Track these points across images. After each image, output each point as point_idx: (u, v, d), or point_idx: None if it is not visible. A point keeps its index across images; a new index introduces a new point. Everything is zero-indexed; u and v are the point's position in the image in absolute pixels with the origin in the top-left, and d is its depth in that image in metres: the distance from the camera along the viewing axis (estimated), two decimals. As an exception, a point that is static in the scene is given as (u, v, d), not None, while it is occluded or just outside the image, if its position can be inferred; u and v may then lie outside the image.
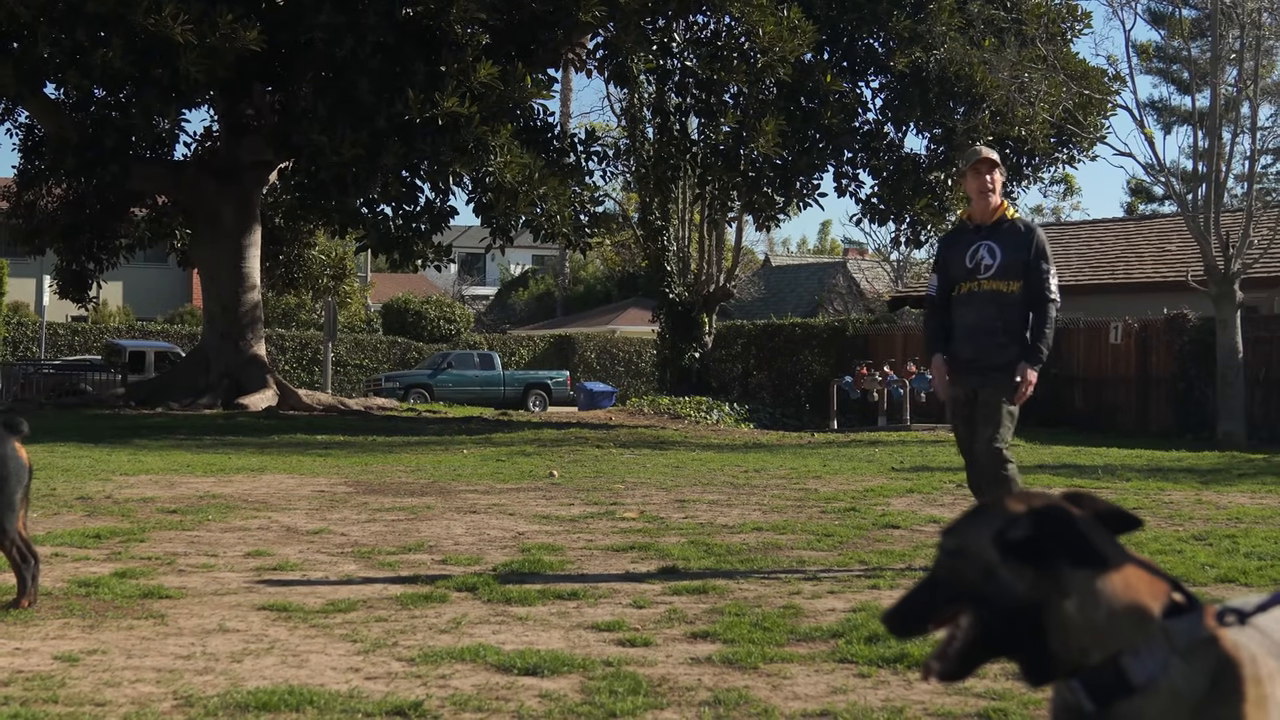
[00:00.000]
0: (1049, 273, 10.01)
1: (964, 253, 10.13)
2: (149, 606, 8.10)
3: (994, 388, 9.91)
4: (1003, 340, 9.94)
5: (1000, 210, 10.13)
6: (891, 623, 2.93)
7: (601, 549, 10.82)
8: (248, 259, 35.53)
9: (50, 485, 15.09)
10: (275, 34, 28.35)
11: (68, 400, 38.79)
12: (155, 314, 68.63)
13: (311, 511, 13.28)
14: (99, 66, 26.88)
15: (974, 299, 10.04)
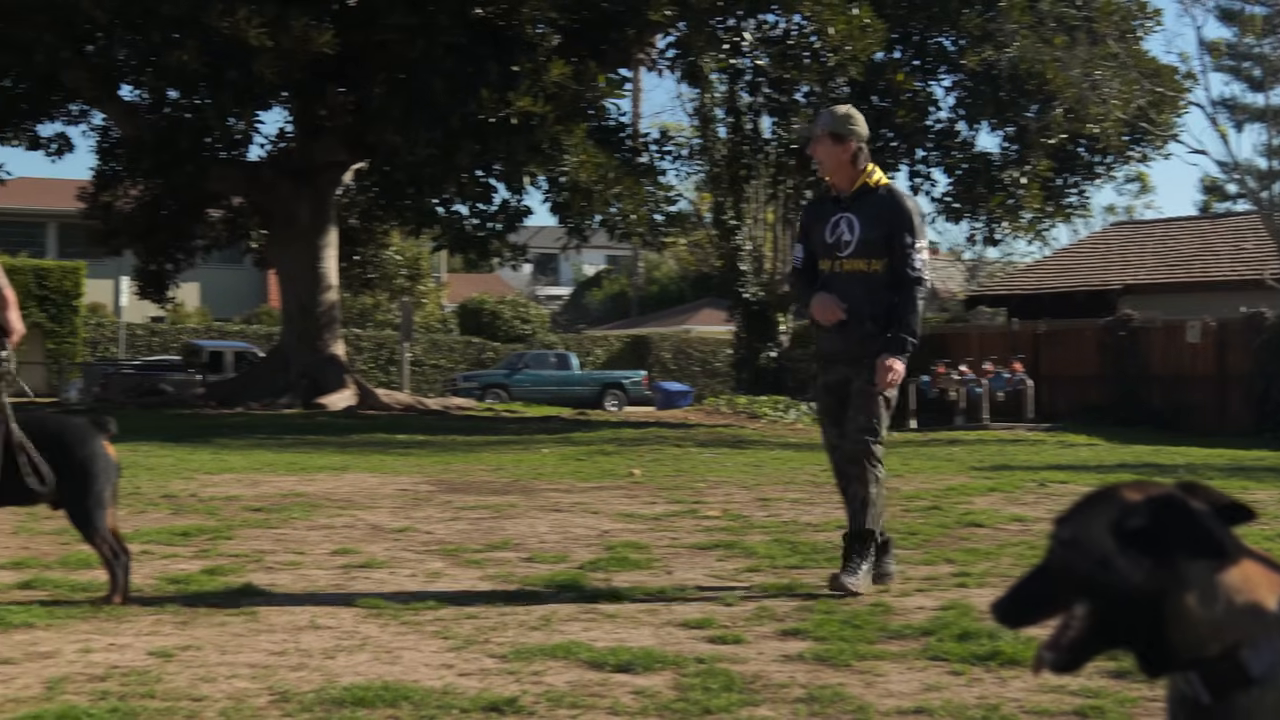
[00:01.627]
0: (914, 246, 8.81)
1: (824, 225, 9.04)
2: (240, 603, 8.13)
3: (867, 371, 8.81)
4: (871, 330, 8.82)
5: (861, 178, 8.98)
6: (1002, 612, 2.91)
7: (686, 547, 10.82)
8: (324, 259, 35.71)
9: (135, 484, 15.18)
10: (348, 35, 28.47)
11: (148, 400, 39.09)
12: (232, 314, 69.08)
13: (395, 510, 13.33)
14: (174, 69, 27.08)
15: (836, 281, 8.93)
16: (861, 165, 8.98)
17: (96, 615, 7.64)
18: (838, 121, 8.96)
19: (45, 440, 7.99)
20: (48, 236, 72.74)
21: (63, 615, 7.61)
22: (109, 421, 8.25)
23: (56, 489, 7.95)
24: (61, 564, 9.37)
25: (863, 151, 9.02)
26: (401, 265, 48.48)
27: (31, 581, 8.65)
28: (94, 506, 7.89)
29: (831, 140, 8.93)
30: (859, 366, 8.84)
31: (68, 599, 8.16)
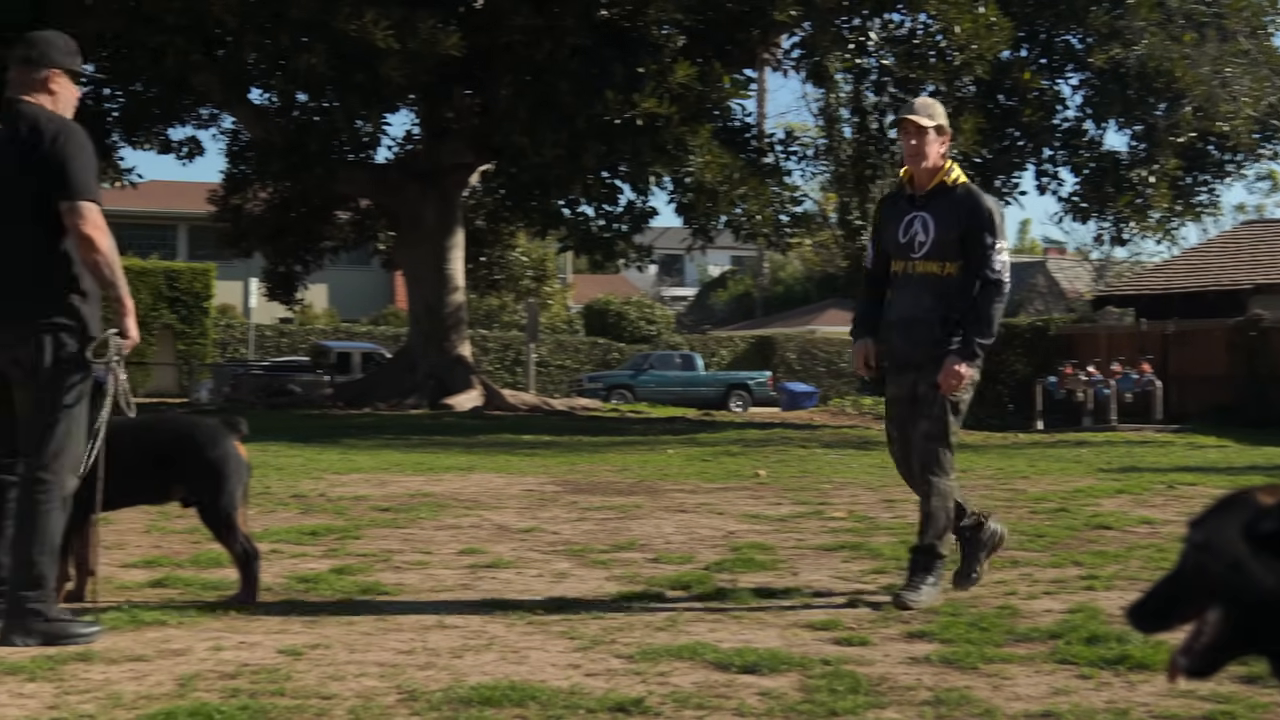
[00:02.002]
0: (994, 246, 8.34)
1: (898, 224, 8.59)
2: (368, 603, 8.22)
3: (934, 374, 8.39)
4: (941, 335, 8.37)
5: (940, 174, 8.54)
6: (1136, 617, 2.89)
7: (812, 548, 10.80)
8: (450, 260, 35.92)
9: (265, 484, 15.34)
10: (474, 37, 28.63)
11: (277, 400, 39.51)
12: (359, 315, 69.63)
13: (522, 510, 13.39)
14: (302, 72, 27.35)
15: (909, 283, 8.51)
16: (946, 163, 8.59)
17: (227, 613, 7.73)
18: (941, 113, 8.61)
19: (178, 441, 8.11)
20: (178, 239, 73.65)
21: (194, 613, 7.71)
22: (240, 422, 8.35)
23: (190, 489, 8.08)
24: (193, 562, 9.49)
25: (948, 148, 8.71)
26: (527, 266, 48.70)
27: (163, 580, 8.77)
28: (226, 506, 7.99)
29: (936, 132, 8.49)
30: (926, 374, 8.40)
31: (199, 598, 8.27)
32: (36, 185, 6.89)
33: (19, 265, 6.90)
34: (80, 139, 7.00)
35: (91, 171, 7.00)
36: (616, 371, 58.35)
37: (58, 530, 6.92)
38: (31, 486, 6.86)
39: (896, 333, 8.58)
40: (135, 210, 62.91)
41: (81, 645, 6.77)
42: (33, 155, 6.88)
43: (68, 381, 6.92)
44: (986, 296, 8.33)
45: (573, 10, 27.59)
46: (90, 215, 6.86)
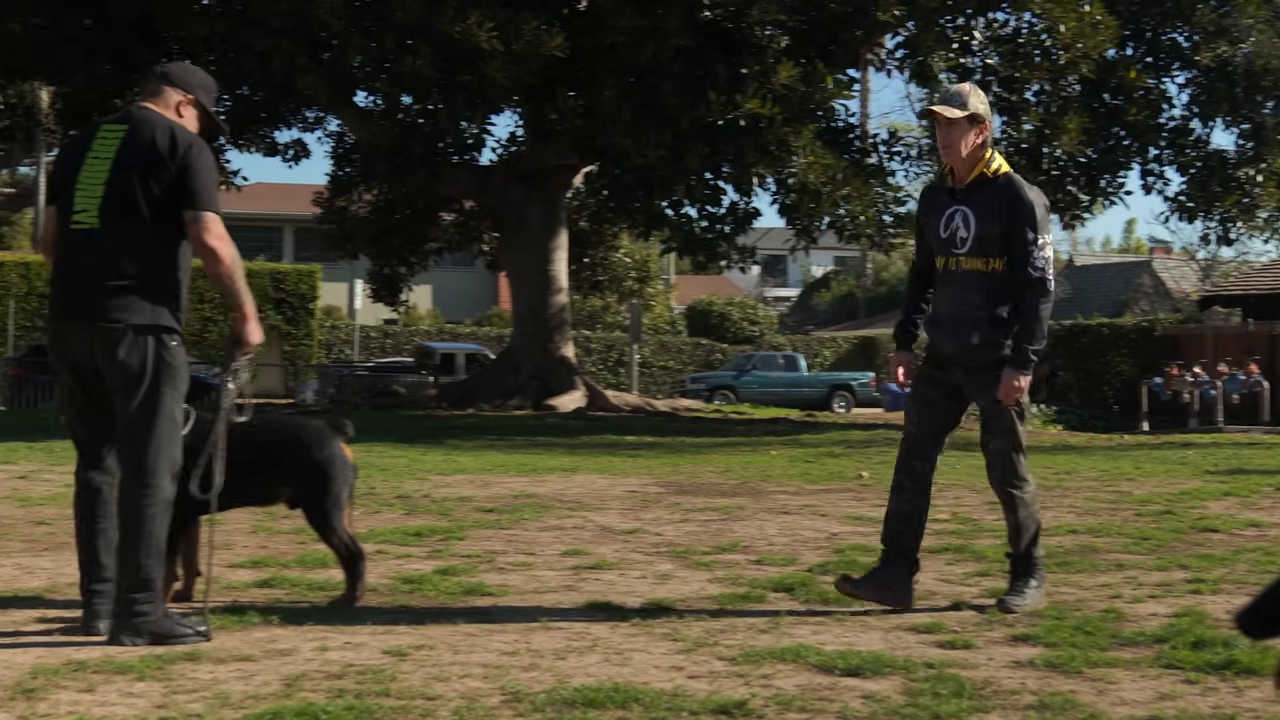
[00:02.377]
0: (1035, 243, 7.98)
1: (939, 219, 8.23)
2: (472, 603, 8.26)
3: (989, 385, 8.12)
4: (991, 336, 8.08)
5: (979, 166, 8.13)
6: (1245, 623, 2.88)
7: (915, 550, 10.75)
8: (554, 262, 36.03)
9: (370, 484, 15.45)
10: (577, 39, 28.70)
11: (382, 401, 39.76)
12: (463, 317, 69.92)
13: (625, 511, 13.41)
14: (408, 74, 27.50)
15: (953, 280, 8.19)
16: (985, 152, 8.15)
17: (333, 614, 7.79)
18: (976, 101, 8.11)
19: (284, 442, 8.18)
20: (284, 241, 74.28)
21: (300, 613, 7.78)
22: (346, 424, 8.43)
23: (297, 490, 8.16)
24: (299, 563, 9.57)
25: (989, 136, 8.23)
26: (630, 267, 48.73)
27: (270, 580, 8.85)
28: (332, 507, 8.06)
29: (969, 122, 8.06)
30: (977, 377, 8.15)
31: (305, 598, 8.34)
32: (158, 192, 6.96)
33: (131, 268, 6.96)
34: (208, 154, 7.11)
35: (215, 185, 7.10)
36: (719, 372, 58.32)
37: (162, 532, 6.99)
38: (134, 490, 6.93)
39: (941, 330, 8.27)
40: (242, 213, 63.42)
41: (189, 645, 6.86)
42: (161, 158, 6.97)
43: (167, 386, 6.99)
44: (1032, 299, 7.99)
45: (676, 11, 27.58)
46: (214, 226, 6.95)
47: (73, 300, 7.04)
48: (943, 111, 8.04)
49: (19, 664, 6.46)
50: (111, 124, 7.22)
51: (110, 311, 6.90)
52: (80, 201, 7.04)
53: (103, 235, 6.98)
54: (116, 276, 6.92)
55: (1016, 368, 7.98)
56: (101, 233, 6.98)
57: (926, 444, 8.39)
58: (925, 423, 8.36)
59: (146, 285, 6.95)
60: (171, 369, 7.00)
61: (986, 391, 8.10)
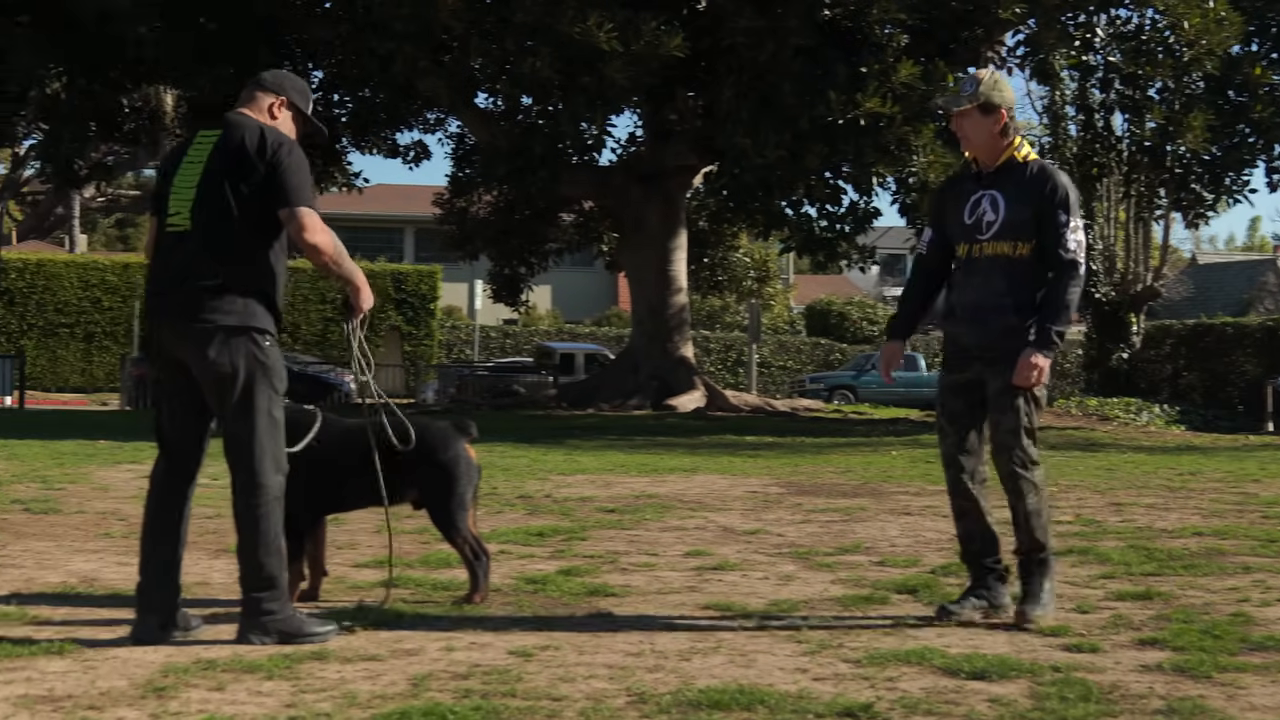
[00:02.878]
0: (1068, 224, 7.72)
1: (963, 205, 7.97)
2: (595, 604, 8.27)
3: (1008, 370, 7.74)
4: (1014, 322, 7.74)
5: (1008, 151, 7.94)
6: None
7: (1039, 552, 10.66)
8: (673, 262, 36.03)
9: (491, 484, 15.52)
10: (697, 39, 28.70)
11: (502, 401, 39.92)
12: (583, 317, 70.11)
13: (746, 512, 13.40)
14: (527, 76, 27.59)
15: (976, 267, 7.90)
16: (1009, 138, 7.94)
17: (458, 614, 7.83)
18: (986, 89, 7.88)
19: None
20: (405, 242, 74.80)
21: (425, 613, 7.82)
22: (471, 425, 8.47)
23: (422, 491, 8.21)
24: (423, 563, 9.62)
25: (1011, 122, 7.98)
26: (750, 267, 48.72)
27: (395, 580, 8.89)
28: (456, 508, 8.10)
29: (981, 113, 7.86)
30: (998, 366, 7.76)
31: (429, 598, 8.38)
32: (249, 191, 7.03)
33: (222, 269, 7.01)
34: (300, 153, 7.17)
35: (309, 183, 7.14)
36: (838, 372, 58.16)
37: (278, 529, 7.04)
38: (244, 492, 7.00)
39: (963, 321, 7.92)
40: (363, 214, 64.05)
41: (316, 644, 6.92)
42: (251, 159, 7.04)
43: (262, 384, 7.04)
44: (1062, 280, 7.68)
45: (796, 11, 27.51)
46: (311, 221, 7.00)
47: (166, 301, 7.11)
48: (948, 106, 8.02)
49: (150, 662, 6.54)
50: (207, 130, 7.32)
51: (201, 312, 6.96)
52: (174, 205, 7.15)
53: (194, 236, 7.05)
54: (208, 277, 6.99)
55: (1039, 348, 7.63)
56: (193, 234, 7.05)
57: (969, 460, 8.03)
58: (958, 439, 8.01)
59: (238, 285, 7.01)
60: (265, 368, 7.05)
61: (1003, 371, 7.71)
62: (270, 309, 7.12)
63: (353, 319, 7.39)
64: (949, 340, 8.09)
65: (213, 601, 7.98)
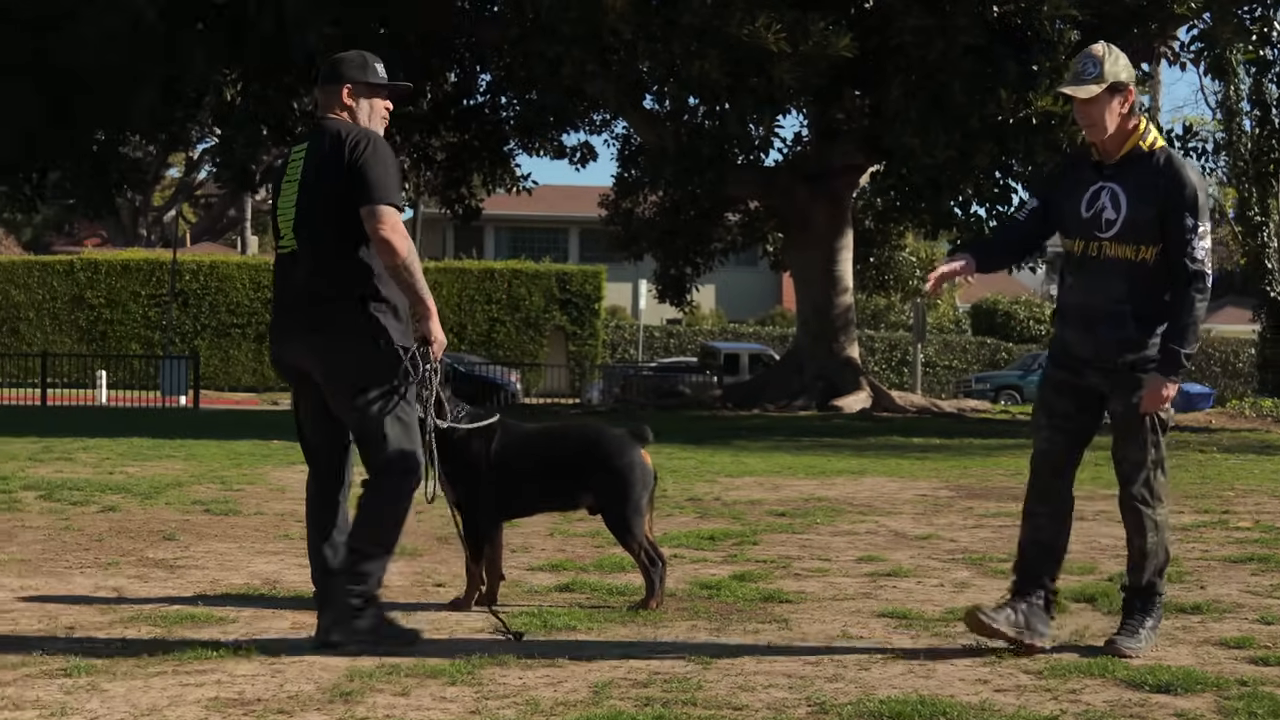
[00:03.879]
0: (1196, 230, 6.94)
1: (1081, 196, 7.17)
2: (771, 610, 8.27)
3: (1129, 390, 7.10)
4: (1135, 334, 7.05)
5: (1133, 139, 7.09)
6: None
7: (1218, 559, 10.54)
8: (839, 262, 35.89)
9: (661, 487, 15.50)
10: (865, 38, 28.57)
11: (668, 401, 39.97)
12: (747, 316, 70.03)
13: (917, 516, 13.32)
14: (695, 78, 27.60)
15: (1091, 268, 7.12)
16: (1134, 122, 7.11)
17: (634, 620, 7.87)
18: (1112, 67, 7.04)
19: (586, 449, 8.29)
20: (570, 242, 75.13)
21: (602, 619, 7.87)
22: (647, 430, 8.50)
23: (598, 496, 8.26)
24: (597, 567, 9.67)
25: (1136, 101, 7.18)
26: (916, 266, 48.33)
27: (570, 584, 8.96)
28: (632, 514, 8.14)
29: (1110, 93, 7.01)
30: (1118, 381, 7.13)
31: (605, 602, 8.42)
32: (338, 194, 7.04)
33: (324, 276, 7.09)
34: (380, 146, 7.12)
35: (392, 177, 7.09)
36: (1005, 372, 57.69)
37: (394, 527, 7.18)
38: (373, 490, 7.14)
39: (1075, 323, 7.25)
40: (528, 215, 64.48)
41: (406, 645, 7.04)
42: (333, 164, 7.06)
43: (380, 388, 7.07)
44: (1189, 295, 6.96)
45: (965, 9, 27.30)
46: (389, 219, 6.96)
47: (286, 319, 7.25)
48: (1076, 93, 7.05)
49: (335, 666, 6.63)
50: (299, 145, 7.42)
51: (319, 324, 7.06)
52: (281, 227, 7.27)
53: (302, 255, 7.17)
54: (320, 291, 7.09)
55: (1167, 373, 6.99)
56: (300, 253, 7.18)
57: (1061, 461, 7.43)
58: (1058, 437, 7.37)
59: (352, 294, 7.07)
60: (379, 373, 7.07)
61: (1127, 396, 7.11)
62: (390, 312, 7.13)
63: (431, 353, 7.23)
64: (1058, 343, 7.42)
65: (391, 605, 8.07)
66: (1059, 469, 7.43)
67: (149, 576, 9.22)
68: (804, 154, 37.07)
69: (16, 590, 8.61)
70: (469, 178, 39.64)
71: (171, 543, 10.71)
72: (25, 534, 10.98)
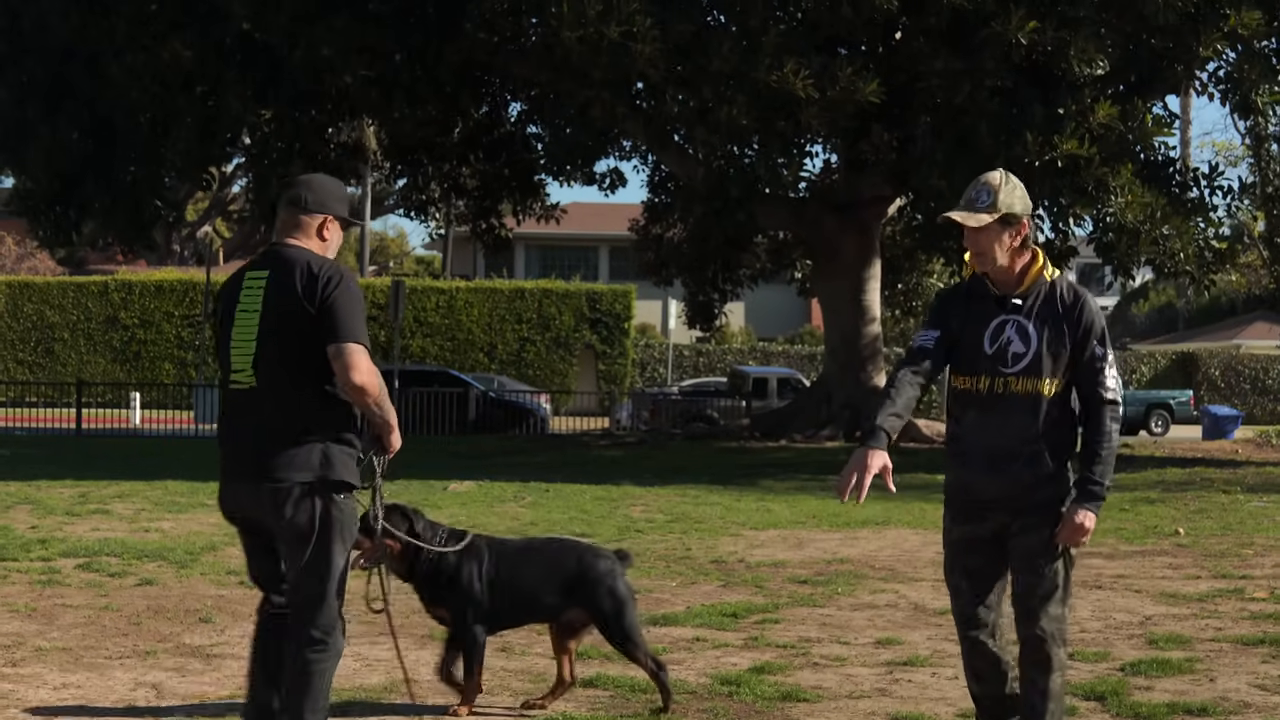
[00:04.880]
0: (1106, 360, 6.82)
1: (983, 330, 6.88)
2: (787, 712, 8.54)
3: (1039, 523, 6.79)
4: (1045, 471, 6.79)
5: (1033, 270, 6.90)
6: None
7: (1230, 640, 10.70)
8: (867, 291, 36.16)
9: (685, 544, 15.85)
10: (892, 77, 28.82)
11: (695, 429, 40.21)
12: (775, 334, 70.25)
13: (937, 583, 13.42)
14: (724, 122, 27.88)
15: (998, 406, 6.82)
16: (1028, 251, 6.91)
17: (655, 720, 8.21)
18: (1006, 198, 6.79)
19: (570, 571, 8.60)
20: (600, 261, 75.46)
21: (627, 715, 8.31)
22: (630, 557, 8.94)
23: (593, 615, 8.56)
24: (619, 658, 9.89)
25: (1031, 232, 6.99)
26: (944, 291, 48.59)
27: (594, 679, 9.21)
28: (632, 629, 8.48)
29: (1001, 224, 6.77)
30: (1028, 518, 6.81)
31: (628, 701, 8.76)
32: (306, 337, 6.75)
33: (292, 424, 6.79)
34: (352, 282, 6.87)
35: (360, 314, 6.80)
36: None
37: (328, 687, 6.99)
38: (307, 647, 6.88)
39: (979, 464, 6.88)
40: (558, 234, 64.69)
41: None
42: (301, 307, 6.75)
43: (336, 542, 6.88)
44: (1104, 425, 6.79)
45: (993, 52, 27.51)
46: (357, 360, 6.68)
47: (239, 460, 6.93)
48: (965, 220, 6.77)
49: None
50: (255, 271, 7.04)
51: (275, 470, 6.74)
52: (235, 360, 6.93)
53: (260, 392, 6.85)
54: (278, 434, 6.79)
55: (1087, 504, 6.73)
56: (259, 390, 6.85)
57: (988, 617, 7.00)
58: (980, 593, 6.98)
59: (311, 438, 6.79)
60: (340, 525, 6.86)
61: (1040, 528, 6.80)
62: (348, 457, 6.89)
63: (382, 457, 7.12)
64: (957, 487, 7.00)
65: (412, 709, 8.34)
66: (990, 627, 7.02)
67: (186, 669, 9.50)
68: (831, 185, 37.34)
69: (58, 688, 8.91)
70: (499, 206, 40.00)
71: (207, 625, 11.02)
72: (66, 615, 11.29)
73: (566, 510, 19.31)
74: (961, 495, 6.94)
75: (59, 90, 32.66)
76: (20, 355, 56.10)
